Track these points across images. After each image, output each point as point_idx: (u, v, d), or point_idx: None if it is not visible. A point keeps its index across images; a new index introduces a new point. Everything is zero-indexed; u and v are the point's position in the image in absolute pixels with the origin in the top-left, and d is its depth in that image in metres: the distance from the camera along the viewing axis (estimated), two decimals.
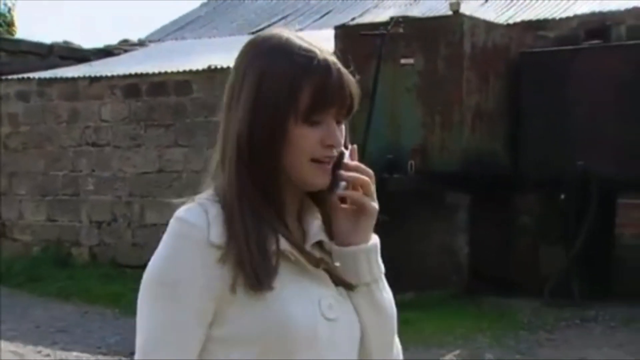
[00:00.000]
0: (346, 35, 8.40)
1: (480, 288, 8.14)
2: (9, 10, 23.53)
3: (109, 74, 10.24)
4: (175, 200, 1.18)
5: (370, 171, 1.22)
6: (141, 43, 15.41)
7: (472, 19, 8.17)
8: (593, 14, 9.39)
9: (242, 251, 1.13)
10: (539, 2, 10.35)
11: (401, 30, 8.05)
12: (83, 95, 10.40)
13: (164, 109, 9.69)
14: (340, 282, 1.20)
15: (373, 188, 1.22)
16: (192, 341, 1.15)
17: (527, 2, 10.54)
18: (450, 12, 8.08)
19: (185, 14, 17.21)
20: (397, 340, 1.27)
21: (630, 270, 7.91)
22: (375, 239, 1.24)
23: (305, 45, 1.19)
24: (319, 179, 1.19)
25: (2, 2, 23.09)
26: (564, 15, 9.62)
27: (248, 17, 15.12)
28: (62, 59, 13.11)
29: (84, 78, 10.34)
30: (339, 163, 1.20)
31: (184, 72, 9.49)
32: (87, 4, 49.90)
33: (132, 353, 4.87)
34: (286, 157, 1.17)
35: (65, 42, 14.44)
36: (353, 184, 1.21)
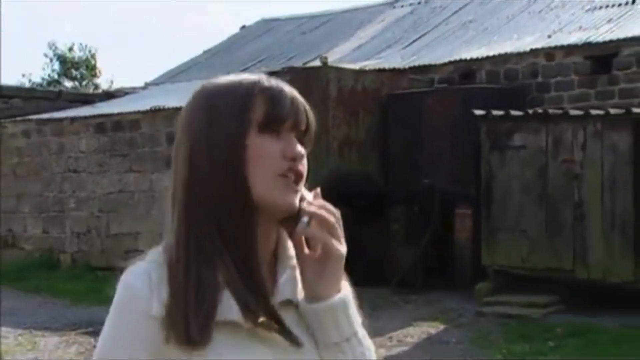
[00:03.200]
0: None
1: (354, 281, 10.23)
2: (93, 55, 27.60)
3: (86, 115, 12.87)
4: (128, 261, 1.10)
5: (336, 211, 1.12)
6: (144, 87, 18.16)
7: (338, 69, 10.42)
8: (462, 61, 11.47)
9: (178, 315, 1.02)
10: (432, 49, 12.49)
11: (287, 77, 10.37)
12: (67, 131, 13.05)
13: (122, 142, 12.22)
14: (291, 339, 1.07)
15: (340, 230, 1.10)
16: None
17: (423, 50, 12.70)
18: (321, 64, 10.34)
19: (188, 60, 19.90)
20: None
21: (464, 267, 9.90)
22: (345, 291, 1.12)
23: (251, 75, 1.15)
24: (288, 197, 1.08)
25: (86, 49, 27.20)
26: (444, 61, 11.74)
27: (236, 60, 17.65)
28: (69, 102, 15.85)
29: (67, 118, 13.00)
30: (300, 200, 1.10)
31: (135, 112, 12.03)
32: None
33: (46, 328, 7.76)
34: (250, 174, 1.07)
35: (74, 88, 17.31)
36: (316, 222, 1.09)
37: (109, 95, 16.96)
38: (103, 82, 27.20)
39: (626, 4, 10.72)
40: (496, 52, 11.09)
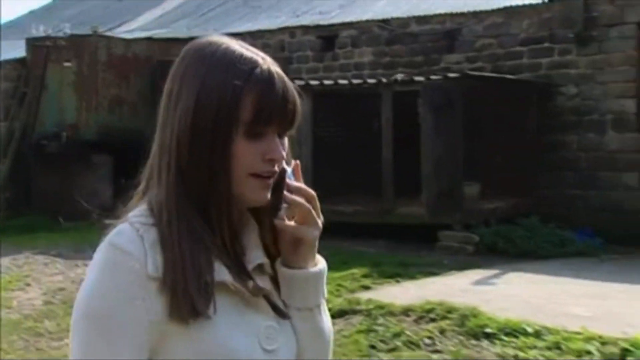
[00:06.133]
0: (30, 45, 12.25)
1: None
2: None
3: None
4: (107, 221, 1.12)
5: (312, 192, 1.17)
6: None
7: (107, 37, 12.06)
8: (230, 34, 13.32)
9: (178, 281, 1.06)
10: (214, 22, 14.34)
11: (63, 43, 11.90)
12: None
13: None
14: (276, 310, 1.15)
15: (314, 212, 1.16)
16: None
17: (209, 22, 14.52)
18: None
19: (13, 18, 20.73)
20: None
21: None
22: (322, 263, 1.20)
23: (247, 54, 1.14)
24: (258, 194, 1.13)
25: None
26: (216, 34, 13.59)
27: (53, 24, 18.67)
28: None
29: None
30: (281, 180, 1.14)
31: None
32: None
33: None
34: (229, 171, 1.11)
35: None
36: (293, 207, 1.15)
37: None
38: None
39: None
40: (255, 28, 13.06)
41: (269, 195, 1.13)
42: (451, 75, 8.71)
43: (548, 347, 4.14)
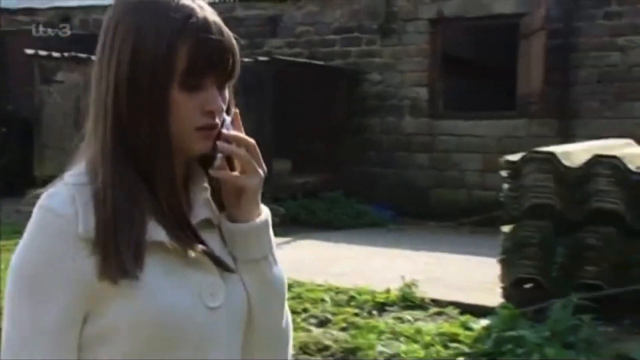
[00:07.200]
0: None
1: None
2: None
3: None
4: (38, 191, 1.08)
5: (251, 141, 1.13)
6: None
7: None
8: (61, 8, 13.33)
9: (109, 240, 1.04)
10: None
11: None
12: None
13: None
14: (220, 264, 1.12)
15: (254, 160, 1.13)
16: (62, 341, 1.05)
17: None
18: None
19: None
20: (287, 311, 1.23)
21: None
22: (265, 214, 1.17)
23: (183, 1, 1.08)
24: (199, 145, 1.11)
25: None
26: (47, 6, 13.50)
27: None
28: None
29: None
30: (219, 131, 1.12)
31: None
32: None
33: None
34: (168, 123, 1.07)
35: None
36: (231, 156, 1.13)
37: None
38: None
39: None
40: (86, 4, 13.11)
41: (210, 145, 1.11)
42: (262, 58, 9.31)
43: (292, 297, 4.81)
